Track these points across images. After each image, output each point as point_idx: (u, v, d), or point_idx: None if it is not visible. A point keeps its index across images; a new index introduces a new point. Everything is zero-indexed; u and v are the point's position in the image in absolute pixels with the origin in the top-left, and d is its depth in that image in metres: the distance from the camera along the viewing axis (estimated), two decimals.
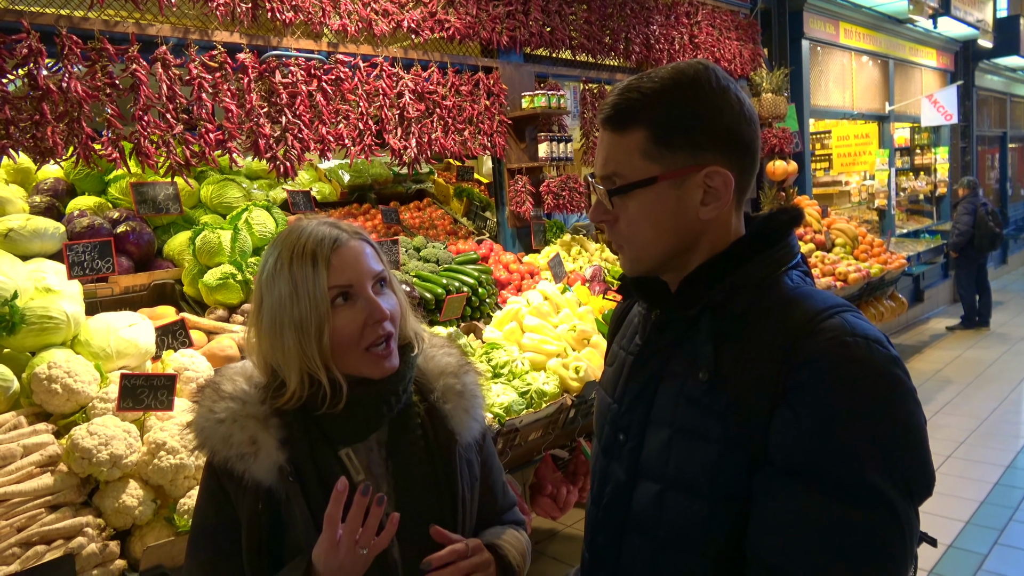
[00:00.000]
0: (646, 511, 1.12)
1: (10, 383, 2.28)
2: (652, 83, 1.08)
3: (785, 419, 0.97)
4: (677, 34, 6.13)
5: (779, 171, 6.96)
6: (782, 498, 0.97)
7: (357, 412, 1.27)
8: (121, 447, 2.13)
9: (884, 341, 0.99)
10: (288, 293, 1.21)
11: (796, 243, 1.15)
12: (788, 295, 1.07)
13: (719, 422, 1.03)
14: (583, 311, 3.77)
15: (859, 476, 0.92)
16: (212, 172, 3.94)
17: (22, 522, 1.99)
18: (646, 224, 1.11)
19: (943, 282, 10.66)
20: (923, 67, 10.96)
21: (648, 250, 1.13)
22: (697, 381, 1.06)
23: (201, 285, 3.20)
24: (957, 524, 4.20)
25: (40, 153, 2.76)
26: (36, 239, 2.91)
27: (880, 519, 0.92)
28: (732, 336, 1.06)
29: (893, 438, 0.94)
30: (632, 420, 1.17)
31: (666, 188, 1.08)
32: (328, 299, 1.21)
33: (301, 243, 1.23)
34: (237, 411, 1.24)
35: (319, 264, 1.21)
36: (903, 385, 0.96)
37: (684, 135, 1.07)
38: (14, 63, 2.70)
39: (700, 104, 1.06)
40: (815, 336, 0.98)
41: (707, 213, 1.09)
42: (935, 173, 11.66)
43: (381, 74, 3.94)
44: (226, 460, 1.21)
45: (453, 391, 1.39)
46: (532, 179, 4.90)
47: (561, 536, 4.23)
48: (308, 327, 1.20)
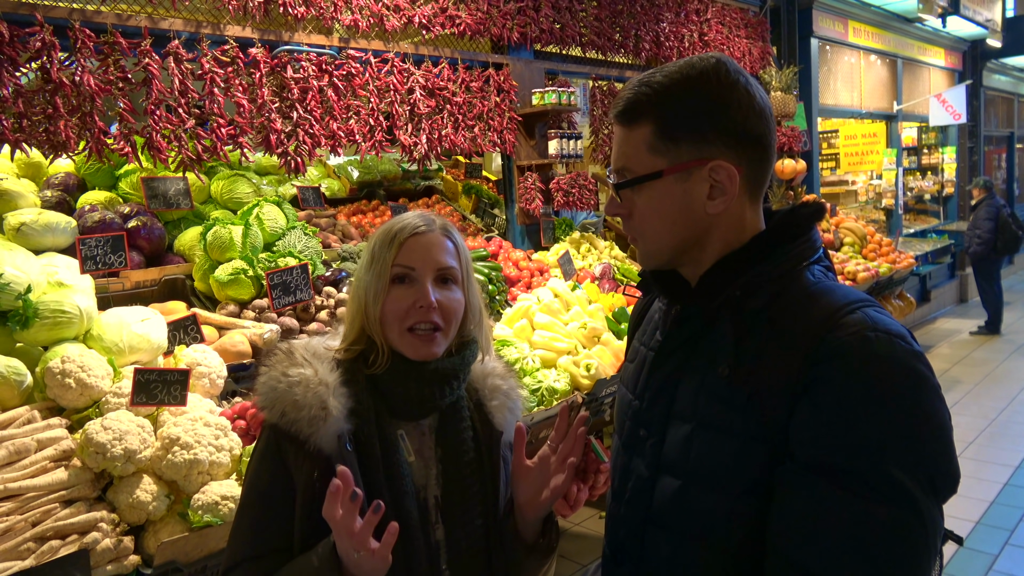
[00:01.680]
0: (668, 505, 1.12)
1: (24, 377, 2.27)
2: (661, 78, 1.09)
3: (807, 414, 0.97)
4: (687, 31, 6.11)
5: (788, 170, 6.93)
6: (804, 493, 0.96)
7: (425, 388, 1.33)
8: (135, 442, 2.12)
9: (907, 336, 0.98)
10: (367, 262, 1.37)
11: (818, 237, 1.14)
12: (809, 290, 1.06)
13: (740, 416, 1.03)
14: (593, 308, 3.76)
15: (882, 472, 0.91)
16: (223, 167, 3.94)
17: (37, 517, 1.98)
18: (655, 217, 1.12)
19: (950, 282, 10.64)
20: (931, 66, 10.92)
21: (659, 243, 1.14)
22: (717, 376, 1.06)
23: (212, 280, 3.19)
24: (967, 524, 4.18)
25: (53, 147, 2.76)
26: (48, 233, 2.90)
27: (903, 516, 0.91)
28: (753, 331, 1.05)
29: (916, 434, 0.93)
30: (653, 415, 1.17)
31: (672, 182, 1.09)
32: (389, 274, 1.32)
33: (391, 226, 1.37)
34: (310, 377, 1.28)
35: (393, 245, 1.34)
36: (926, 381, 0.95)
37: (689, 129, 1.07)
38: (27, 56, 2.69)
39: (706, 99, 1.07)
40: (837, 331, 0.97)
41: (714, 207, 1.09)
42: (942, 173, 11.63)
43: (392, 70, 3.93)
44: (293, 423, 1.24)
45: (500, 391, 1.48)
46: (542, 176, 4.89)
47: (570, 534, 4.22)
48: (370, 291, 1.33)
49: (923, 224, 11.03)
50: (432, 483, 1.35)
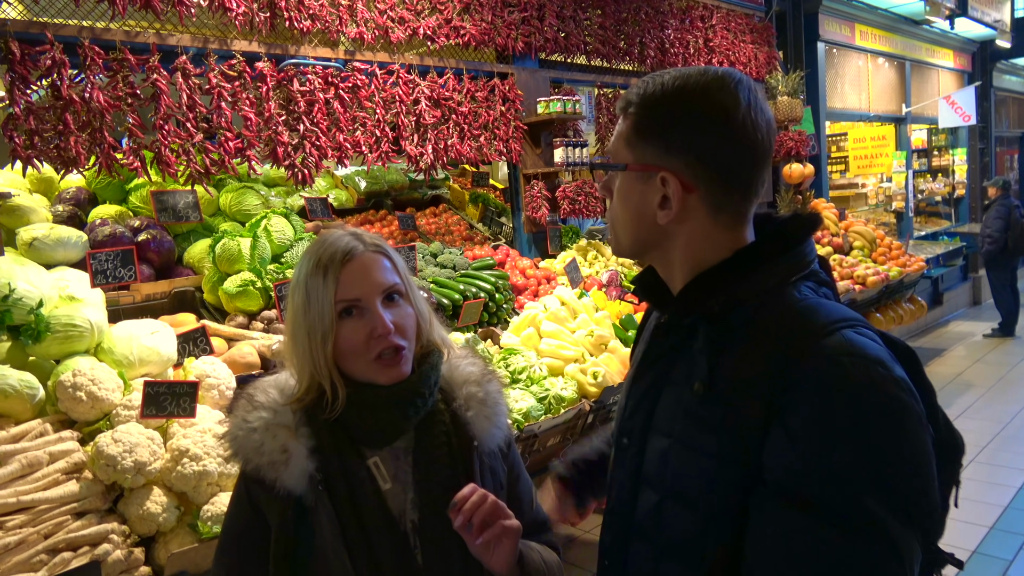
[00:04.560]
0: (647, 519, 1.11)
1: (36, 391, 2.30)
2: (666, 79, 1.09)
3: (779, 439, 0.94)
4: (692, 38, 6.12)
5: (795, 174, 6.92)
6: (776, 522, 0.94)
7: (382, 415, 1.29)
8: (145, 454, 2.15)
9: (887, 361, 0.94)
10: (302, 303, 1.29)
11: (811, 251, 1.10)
12: (792, 307, 1.02)
13: (713, 436, 1.00)
14: (600, 316, 3.76)
15: (855, 503, 0.89)
16: (231, 180, 3.98)
17: (49, 529, 2.01)
18: (621, 208, 1.14)
19: (962, 285, 10.55)
20: (940, 68, 10.87)
21: (621, 234, 1.16)
22: (693, 392, 1.04)
23: (221, 292, 3.22)
24: (981, 530, 4.15)
25: (63, 163, 2.80)
26: (60, 248, 2.94)
27: (877, 549, 0.88)
28: (730, 347, 1.02)
29: (891, 463, 0.90)
30: (635, 425, 1.16)
31: (633, 178, 1.11)
32: (334, 312, 1.26)
33: (317, 256, 1.30)
34: (269, 420, 1.27)
35: (329, 279, 1.27)
36: (904, 408, 0.92)
37: (658, 134, 1.07)
38: (38, 74, 2.74)
39: (686, 112, 1.05)
40: (812, 354, 0.94)
41: (661, 218, 1.08)
42: (953, 175, 11.55)
43: (397, 81, 3.96)
44: (258, 468, 1.24)
45: (475, 399, 1.41)
46: (548, 184, 4.90)
47: (579, 542, 4.21)
48: (315, 335, 1.26)
49: (934, 227, 10.96)
50: (408, 508, 1.30)
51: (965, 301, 10.63)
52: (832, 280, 1.14)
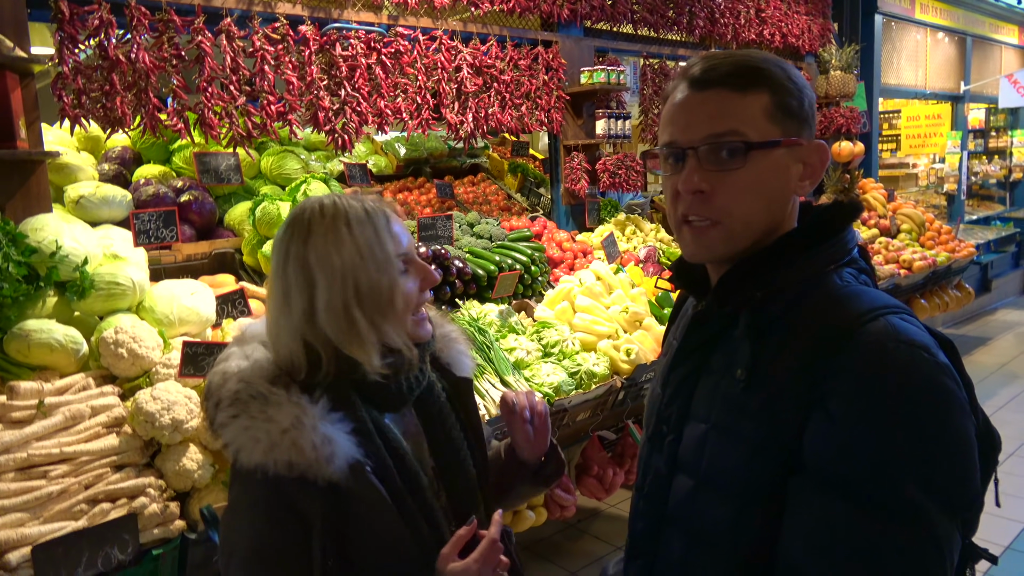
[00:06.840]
0: (681, 505, 1.11)
1: (80, 346, 2.37)
2: (750, 54, 1.08)
3: (820, 426, 0.94)
4: (743, 8, 5.93)
5: (844, 152, 6.71)
6: (816, 508, 0.94)
7: (411, 375, 1.31)
8: (182, 412, 2.20)
9: (931, 347, 0.94)
10: (353, 263, 1.20)
11: (853, 238, 1.10)
12: (834, 294, 1.02)
13: (753, 422, 1.00)
14: (636, 293, 3.72)
15: (896, 491, 0.89)
16: (272, 143, 4.00)
17: (89, 480, 2.08)
18: (751, 194, 1.04)
19: (1014, 271, 10.21)
20: (1003, 44, 10.41)
21: (749, 222, 1.06)
22: (734, 379, 1.04)
23: (260, 255, 3.26)
24: (1016, 525, 4.06)
25: (110, 122, 2.84)
26: (105, 206, 3.00)
27: (917, 537, 0.88)
28: (772, 335, 1.02)
29: (934, 451, 0.89)
30: (672, 412, 1.15)
31: (783, 155, 1.05)
32: (396, 268, 1.25)
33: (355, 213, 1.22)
34: (300, 414, 1.16)
35: (385, 236, 1.24)
36: (949, 394, 0.91)
37: (796, 107, 1.06)
38: (86, 34, 2.76)
39: (799, 82, 1.07)
40: (855, 340, 0.94)
41: (804, 189, 1.08)
42: (1011, 157, 11.11)
43: (440, 47, 3.92)
44: (304, 468, 1.13)
45: (447, 338, 1.48)
46: (588, 156, 4.84)
47: (605, 516, 4.23)
48: (381, 295, 1.22)
49: (987, 211, 10.58)
50: (426, 456, 1.34)
51: (1015, 289, 10.28)
52: (871, 267, 1.14)
